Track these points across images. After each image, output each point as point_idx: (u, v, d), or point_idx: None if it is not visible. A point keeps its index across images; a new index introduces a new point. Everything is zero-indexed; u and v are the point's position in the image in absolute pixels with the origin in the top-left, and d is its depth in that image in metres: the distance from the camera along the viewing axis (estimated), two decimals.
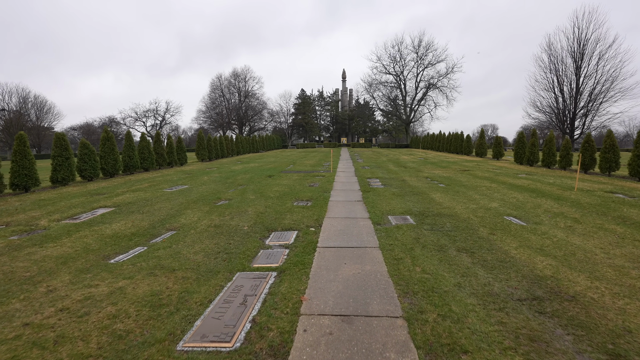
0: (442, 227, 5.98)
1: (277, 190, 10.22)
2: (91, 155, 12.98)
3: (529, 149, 18.00)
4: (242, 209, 7.58)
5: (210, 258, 4.59)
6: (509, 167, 17.41)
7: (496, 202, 8.06)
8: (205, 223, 6.43)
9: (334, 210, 7.43)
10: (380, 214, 6.96)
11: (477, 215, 6.83)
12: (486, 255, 4.53)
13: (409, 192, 9.69)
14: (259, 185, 11.27)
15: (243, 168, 18.13)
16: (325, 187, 10.82)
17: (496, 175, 13.81)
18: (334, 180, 12.61)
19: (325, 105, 71.11)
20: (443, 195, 9.10)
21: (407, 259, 4.38)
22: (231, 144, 30.49)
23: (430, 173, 14.76)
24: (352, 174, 14.98)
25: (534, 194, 9.17)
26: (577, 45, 34.53)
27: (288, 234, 5.74)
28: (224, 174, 15.13)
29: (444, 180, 12.13)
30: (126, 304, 3.26)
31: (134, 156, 15.53)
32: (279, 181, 12.39)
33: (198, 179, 13.32)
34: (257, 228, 6.07)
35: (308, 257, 4.50)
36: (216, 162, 23.70)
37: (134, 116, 62.12)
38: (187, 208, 7.81)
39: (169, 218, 6.90)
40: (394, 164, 20.52)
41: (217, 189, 10.73)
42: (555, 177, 12.79)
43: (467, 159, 23.92)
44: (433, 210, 7.31)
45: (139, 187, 11.32)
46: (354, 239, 5.26)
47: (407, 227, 5.96)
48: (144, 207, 8.01)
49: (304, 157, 27.68)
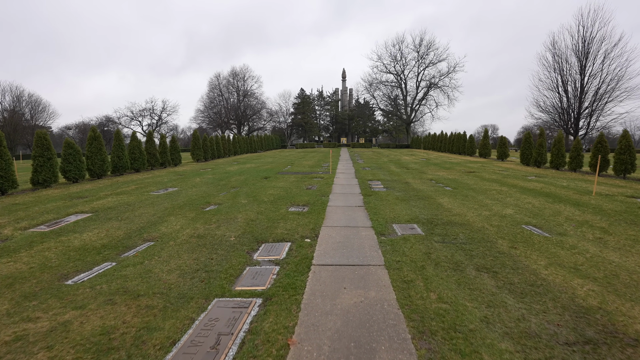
0: (455, 238, 5.27)
1: (272, 193, 9.51)
2: (76, 155, 12.27)
3: (536, 150, 17.30)
4: (231, 216, 6.87)
5: (185, 278, 3.88)
6: (515, 169, 16.71)
7: (510, 208, 7.35)
8: (188, 232, 5.72)
9: (332, 217, 6.72)
10: (384, 222, 6.26)
11: (492, 223, 6.12)
12: (512, 276, 3.83)
13: (414, 196, 8.99)
14: (253, 188, 10.56)
15: (238, 169, 17.42)
16: (323, 190, 10.11)
17: (504, 177, 13.10)
18: (333, 182, 11.90)
19: (325, 105, 70.38)
20: (451, 200, 8.40)
21: (418, 282, 3.68)
22: (228, 144, 29.77)
23: (434, 175, 14.06)
24: (352, 175, 14.28)
25: (549, 198, 8.47)
26: (582, 44, 33.87)
27: (280, 246, 5.04)
28: (217, 176, 14.42)
29: (450, 183, 11.42)
30: (64, 349, 2.55)
31: (123, 156, 14.81)
32: (274, 183, 11.68)
33: (189, 181, 12.61)
34: (246, 239, 5.37)
35: (300, 279, 3.79)
36: (212, 162, 22.98)
37: (130, 115, 61.19)
38: (172, 214, 7.10)
39: (149, 226, 6.18)
40: (395, 165, 19.81)
41: (208, 192, 10.01)
42: (567, 180, 12.09)
43: (471, 160, 23.21)
44: (442, 217, 6.61)
45: (124, 189, 10.61)
46: (355, 254, 4.55)
47: (415, 238, 5.25)
48: (124, 212, 7.29)
49: (303, 158, 26.97)
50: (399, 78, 61.17)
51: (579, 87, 34.80)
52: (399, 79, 61.18)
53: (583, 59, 33.98)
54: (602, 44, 33.00)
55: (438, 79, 58.29)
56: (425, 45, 57.63)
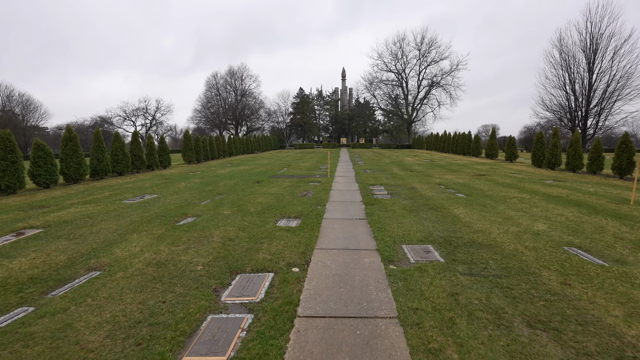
0: (485, 267, 4.10)
1: (261, 202, 8.34)
2: (47, 158, 11.10)
3: (550, 151, 16.11)
4: (206, 233, 5.70)
5: (116, 340, 2.72)
6: (528, 171, 15.52)
7: (542, 223, 6.17)
8: (147, 258, 4.55)
9: (328, 234, 5.55)
10: (392, 242, 5.09)
11: (525, 244, 4.95)
12: (583, 338, 2.66)
13: (423, 205, 7.81)
14: (241, 195, 9.39)
15: (230, 172, 16.24)
16: (320, 197, 8.94)
17: (519, 181, 11.92)
18: (331, 187, 10.73)
19: (324, 104, 69.19)
20: (468, 210, 7.22)
21: (450, 351, 2.50)
22: (223, 145, 28.59)
23: (441, 179, 12.88)
24: (352, 179, 13.11)
25: (582, 209, 7.29)
26: (590, 41, 32.68)
27: (258, 279, 3.87)
28: (206, 179, 13.25)
29: (462, 189, 10.24)
30: None
31: (103, 159, 13.64)
32: (266, 189, 10.51)
33: (173, 186, 11.44)
34: (217, 268, 4.20)
35: (277, 344, 2.62)
36: (204, 164, 21.79)
37: (123, 115, 59.60)
38: (136, 230, 5.93)
39: (103, 248, 5.02)
40: (398, 166, 18.64)
41: (190, 199, 8.85)
42: (592, 185, 10.91)
43: (478, 162, 22.03)
44: (462, 235, 5.43)
45: (96, 197, 9.44)
46: (356, 297, 3.38)
47: (434, 268, 4.08)
48: (80, 228, 6.12)
49: (300, 159, 25.80)
50: (400, 77, 59.99)
51: (587, 85, 33.62)
52: (400, 77, 59.99)
53: (591, 56, 32.79)
54: (611, 41, 31.87)
55: (440, 78, 57.12)
56: (427, 43, 56.51)
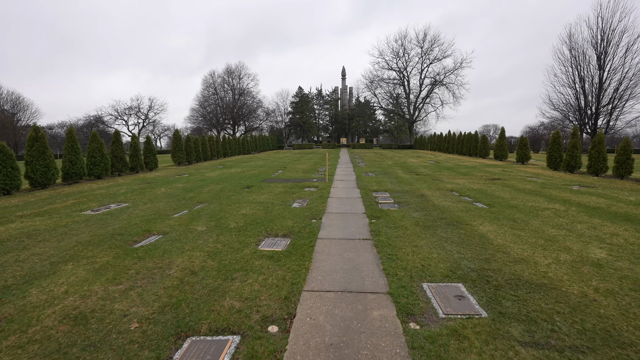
0: (553, 330, 2.76)
1: (246, 214, 7.01)
2: (7, 160, 9.77)
3: (569, 152, 14.76)
4: (164, 262, 4.37)
5: None
6: (546, 175, 14.18)
7: (597, 247, 4.83)
8: (67, 306, 3.23)
9: (323, 265, 4.23)
10: (408, 279, 3.76)
11: (592, 284, 3.62)
12: None
13: (439, 218, 6.49)
14: (224, 204, 8.06)
15: (219, 175, 14.89)
16: (315, 207, 7.62)
17: (542, 187, 10.58)
18: (329, 194, 9.40)
19: (324, 104, 67.81)
20: (495, 227, 5.88)
21: None
22: (217, 146, 27.23)
23: (453, 183, 11.55)
24: (353, 183, 11.78)
25: (637, 225, 5.95)
26: (601, 37, 31.31)
27: (215, 351, 2.54)
28: (191, 184, 11.92)
29: (479, 196, 8.91)
30: None
31: (77, 161, 12.30)
32: (255, 196, 9.18)
33: (151, 192, 10.11)
34: (159, 327, 2.87)
35: None
36: (194, 166, 20.43)
37: (114, 114, 57.86)
38: (75, 257, 4.60)
39: (19, 285, 3.69)
40: (402, 169, 17.31)
41: (163, 210, 7.52)
42: (629, 192, 9.56)
43: (487, 163, 20.68)
44: (499, 266, 4.10)
45: (54, 206, 8.10)
46: None
47: (477, 332, 2.75)
48: (7, 253, 4.79)
49: (298, 160, 24.46)
50: (401, 75, 58.60)
51: (597, 83, 32.26)
52: (402, 75, 58.60)
53: (602, 53, 31.44)
54: (623, 37, 30.49)
55: (443, 76, 55.69)
56: (429, 40, 55.15)
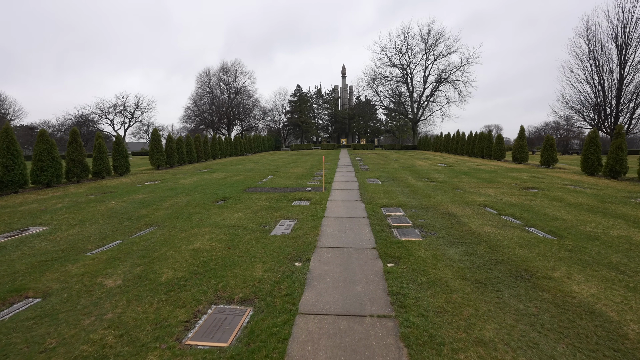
0: None
1: (198, 248, 4.66)
2: None
3: (612, 155, 12.40)
4: None
5: None
6: (587, 182, 11.82)
7: None
8: None
9: None
10: None
11: None
12: None
13: (493, 262, 4.13)
14: (177, 229, 5.72)
15: (195, 182, 12.52)
16: (303, 236, 5.27)
17: (601, 202, 8.22)
18: (325, 213, 7.05)
19: (323, 103, 65.43)
20: (596, 283, 3.53)
21: None
22: (204, 147, 24.86)
23: (481, 195, 9.20)
24: (355, 194, 9.42)
25: None
26: (622, 29, 28.98)
27: None
28: (154, 195, 9.58)
29: (528, 216, 6.55)
30: None
31: (15, 166, 9.96)
32: (225, 215, 6.85)
33: (91, 209, 7.76)
34: None
35: None
36: (173, 170, 17.99)
37: (99, 113, 54.39)
38: None
39: None
40: (411, 173, 14.94)
41: (86, 239, 5.17)
42: None
43: (508, 167, 18.31)
44: None
45: None
46: None
47: None
48: None
49: (293, 163, 22.10)
50: (404, 72, 56.12)
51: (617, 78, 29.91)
52: (405, 73, 56.13)
53: (623, 47, 29.10)
54: None
55: (449, 73, 53.18)
56: (434, 36, 52.71)
